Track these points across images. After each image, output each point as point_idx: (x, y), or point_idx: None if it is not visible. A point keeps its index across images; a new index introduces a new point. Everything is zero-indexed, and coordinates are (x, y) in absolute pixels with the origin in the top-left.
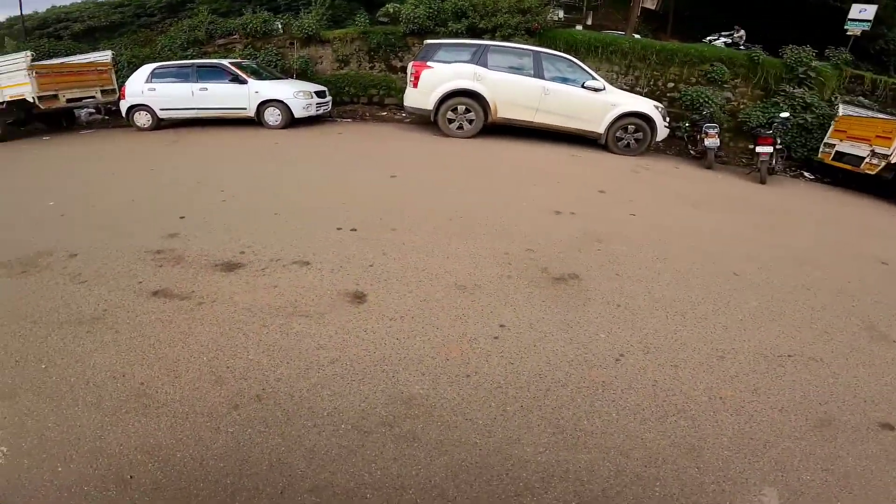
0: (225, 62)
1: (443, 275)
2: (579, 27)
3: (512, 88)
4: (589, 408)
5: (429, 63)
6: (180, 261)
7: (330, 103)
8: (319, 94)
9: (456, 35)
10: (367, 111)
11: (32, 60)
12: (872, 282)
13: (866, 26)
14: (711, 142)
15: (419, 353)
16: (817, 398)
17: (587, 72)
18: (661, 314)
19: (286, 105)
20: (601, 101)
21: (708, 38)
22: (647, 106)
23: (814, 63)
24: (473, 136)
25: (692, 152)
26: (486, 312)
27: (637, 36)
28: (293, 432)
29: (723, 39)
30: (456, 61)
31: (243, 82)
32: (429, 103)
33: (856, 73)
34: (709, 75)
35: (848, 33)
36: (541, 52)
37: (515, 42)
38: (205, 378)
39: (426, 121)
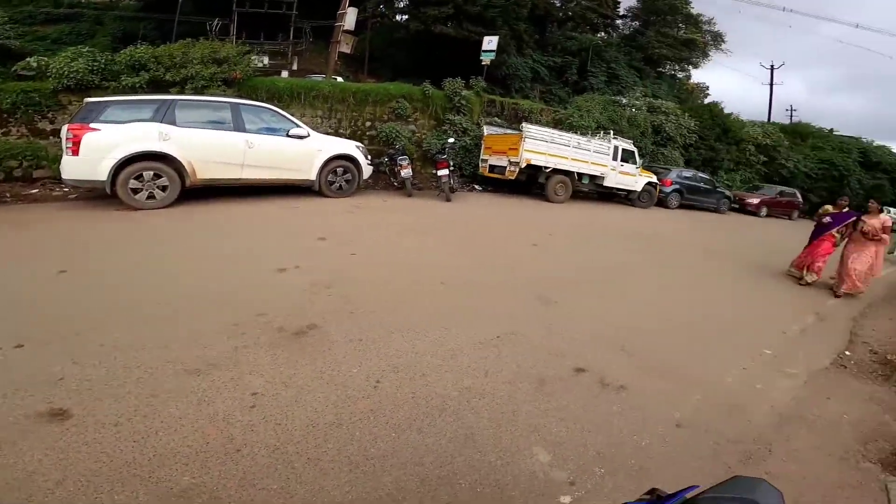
0: None
1: (166, 365)
2: (285, 73)
3: (210, 146)
4: (370, 436)
5: (93, 125)
6: None
7: None
8: None
9: (134, 90)
10: (6, 190)
11: None
12: (529, 260)
13: (493, 56)
14: (406, 172)
15: (169, 447)
16: (527, 364)
17: (290, 120)
18: (396, 336)
19: None
20: (308, 148)
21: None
22: (350, 147)
23: (463, 92)
24: (171, 205)
25: (395, 184)
26: (231, 387)
27: (339, 79)
28: None
29: None
30: (133, 120)
31: None
32: (99, 173)
33: (490, 97)
34: (396, 111)
35: (482, 63)
36: (240, 103)
37: (211, 94)
38: None
39: (103, 194)
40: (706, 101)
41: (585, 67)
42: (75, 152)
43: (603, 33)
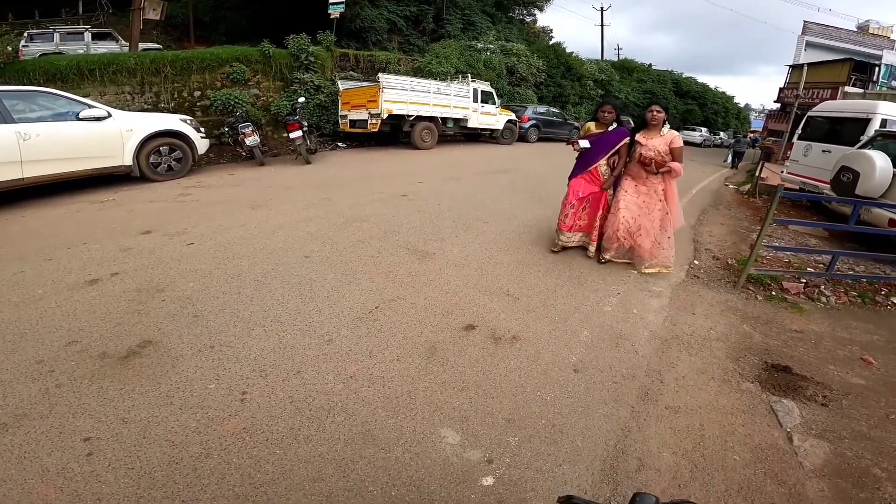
0: None
1: None
2: (81, 51)
3: None
4: (251, 459)
5: None
6: None
7: None
8: None
9: None
10: None
11: None
12: (399, 213)
13: (342, 8)
14: (252, 140)
15: None
16: (413, 333)
17: (78, 100)
18: (258, 331)
19: None
20: (111, 130)
21: None
22: (172, 122)
23: (311, 48)
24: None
25: (243, 154)
26: (53, 436)
27: (157, 46)
28: None
29: None
30: None
31: None
32: None
33: (342, 51)
34: (231, 76)
35: (331, 16)
36: None
37: None
38: None
39: None
40: (551, 43)
41: (441, 15)
42: None
43: None
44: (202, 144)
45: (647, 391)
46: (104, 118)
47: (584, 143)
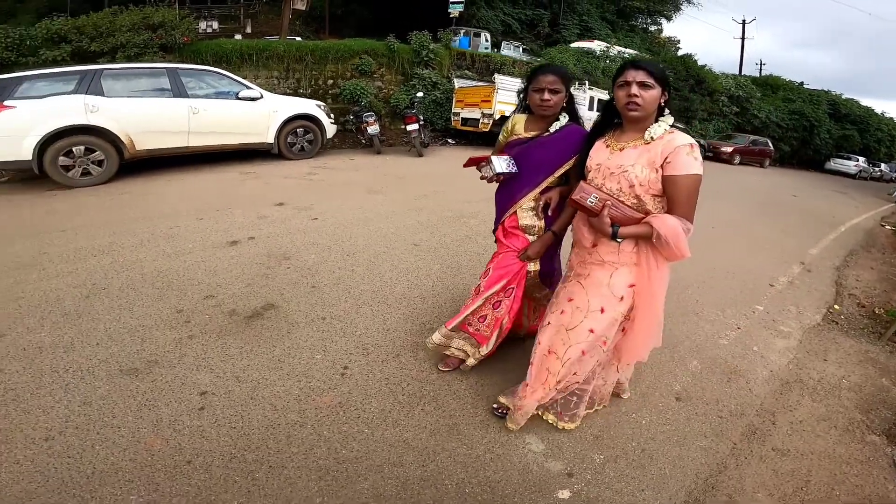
0: None
1: (99, 366)
2: (238, 36)
3: (148, 115)
4: (340, 435)
5: (6, 102)
6: None
7: None
8: None
9: (56, 64)
10: None
11: None
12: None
13: (461, 7)
14: (373, 129)
15: (109, 461)
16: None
17: (239, 82)
18: (366, 310)
19: None
20: (262, 110)
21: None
22: (310, 106)
23: (431, 45)
24: (110, 181)
25: (363, 142)
26: (175, 388)
27: (297, 38)
28: None
29: None
30: (53, 94)
31: None
32: (23, 152)
33: (460, 50)
34: (360, 68)
35: (451, 15)
36: (178, 68)
37: (147, 62)
38: None
39: (32, 175)
40: (679, 54)
41: (557, 20)
42: None
43: None
44: (331, 129)
45: (755, 430)
46: (257, 99)
47: (499, 165)
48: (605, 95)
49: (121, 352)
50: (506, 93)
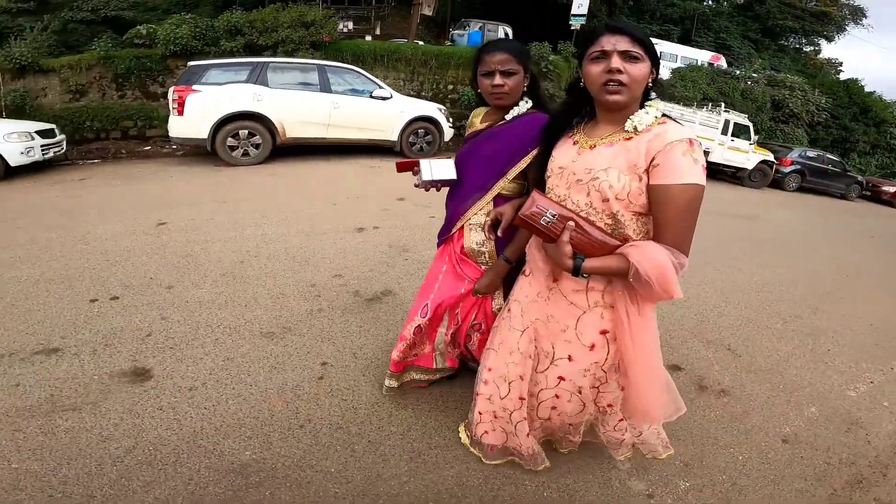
0: None
1: (244, 326)
2: (368, 37)
3: (299, 106)
4: (434, 422)
5: (195, 87)
6: None
7: (63, 143)
8: (45, 133)
9: (232, 54)
10: (122, 147)
11: None
12: None
13: (583, 21)
14: None
15: (237, 416)
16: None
17: (374, 81)
18: None
19: None
20: (390, 109)
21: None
22: (431, 109)
23: (551, 57)
24: (262, 162)
25: None
26: (302, 355)
27: (420, 42)
28: None
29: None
30: (230, 82)
31: None
32: (202, 131)
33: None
34: None
35: (572, 28)
36: (326, 65)
37: (300, 57)
38: None
39: (204, 151)
40: (842, 78)
41: (689, 37)
42: (180, 112)
43: (711, 1)
44: (448, 132)
45: (861, 479)
46: (387, 99)
47: (428, 170)
48: (743, 119)
49: (263, 315)
50: None
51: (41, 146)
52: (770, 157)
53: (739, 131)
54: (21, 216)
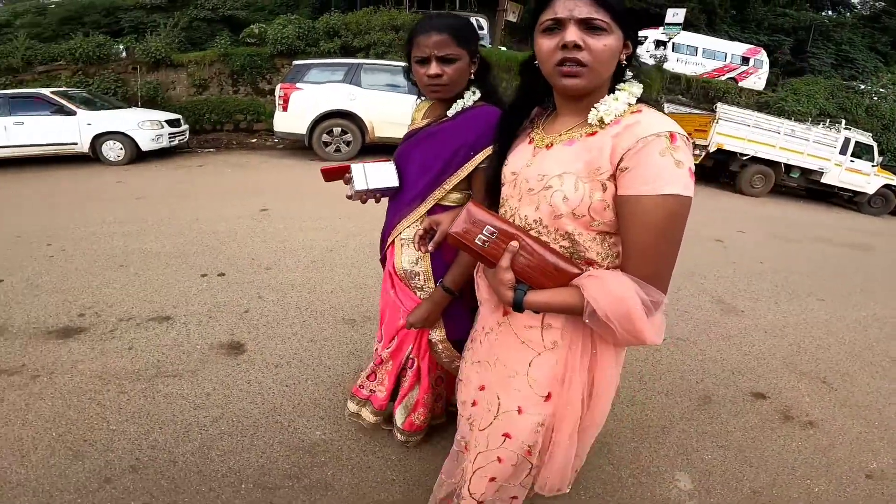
0: (45, 91)
1: (328, 311)
2: None
3: (388, 107)
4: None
5: (298, 85)
6: (2, 332)
7: (187, 132)
8: (172, 122)
9: (329, 55)
10: (233, 139)
11: None
12: (720, 264)
13: (678, 30)
14: None
15: (313, 396)
16: (693, 375)
17: None
18: None
19: (130, 137)
20: None
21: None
22: None
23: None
24: (350, 159)
25: None
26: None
27: (503, 48)
28: (186, 499)
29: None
30: (328, 82)
31: (70, 113)
32: (301, 127)
33: (674, 73)
34: None
35: (668, 38)
36: None
37: (390, 59)
38: (59, 454)
39: (301, 146)
40: None
41: (803, 48)
42: (285, 108)
43: (830, 11)
44: None
45: None
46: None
47: (361, 178)
48: (866, 138)
49: (346, 302)
50: (728, 124)
51: (169, 134)
52: (895, 181)
53: (861, 151)
54: (148, 195)
